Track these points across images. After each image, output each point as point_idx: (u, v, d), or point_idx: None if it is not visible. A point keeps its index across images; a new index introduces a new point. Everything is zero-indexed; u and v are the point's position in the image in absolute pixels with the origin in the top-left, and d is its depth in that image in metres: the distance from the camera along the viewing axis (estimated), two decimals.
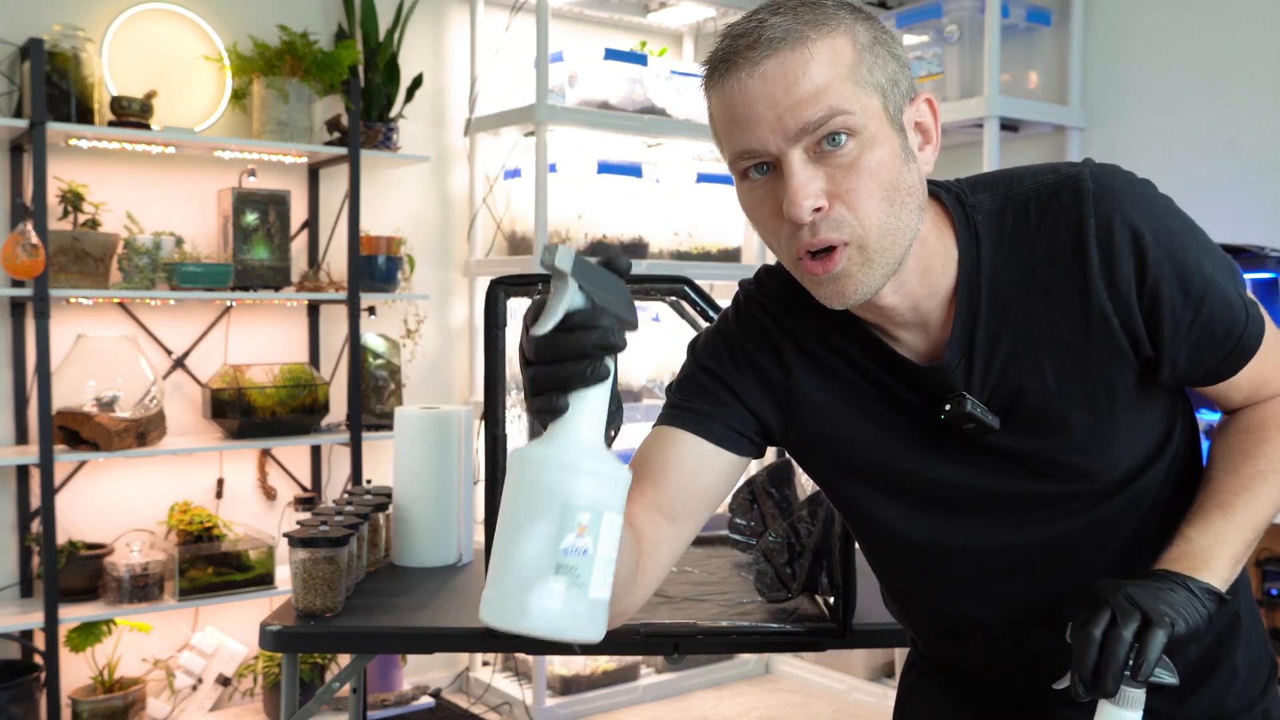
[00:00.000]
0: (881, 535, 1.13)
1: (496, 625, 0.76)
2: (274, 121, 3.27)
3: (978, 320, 1.01)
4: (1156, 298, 0.97)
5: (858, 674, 3.74)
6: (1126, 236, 0.96)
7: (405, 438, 2.12)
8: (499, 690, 3.67)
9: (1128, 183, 0.99)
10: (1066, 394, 1.00)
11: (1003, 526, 1.06)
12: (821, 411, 1.08)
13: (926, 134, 1.00)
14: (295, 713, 1.76)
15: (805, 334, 1.09)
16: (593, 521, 0.75)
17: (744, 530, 1.98)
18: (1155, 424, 1.04)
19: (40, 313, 2.88)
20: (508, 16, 3.87)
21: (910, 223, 0.96)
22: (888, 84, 0.95)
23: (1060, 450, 1.02)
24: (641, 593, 1.05)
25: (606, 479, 0.77)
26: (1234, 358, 1.01)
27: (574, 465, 0.76)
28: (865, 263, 0.95)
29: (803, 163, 0.93)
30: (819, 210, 0.93)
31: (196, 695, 3.31)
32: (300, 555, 1.72)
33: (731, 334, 1.12)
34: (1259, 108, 3.06)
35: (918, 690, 1.26)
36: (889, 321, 1.03)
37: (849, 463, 1.10)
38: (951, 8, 3.40)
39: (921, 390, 1.04)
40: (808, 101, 0.91)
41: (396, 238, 3.51)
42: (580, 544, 0.75)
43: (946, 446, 1.05)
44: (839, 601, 1.62)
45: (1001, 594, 1.09)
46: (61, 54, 2.96)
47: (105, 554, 3.06)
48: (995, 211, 1.01)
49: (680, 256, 3.91)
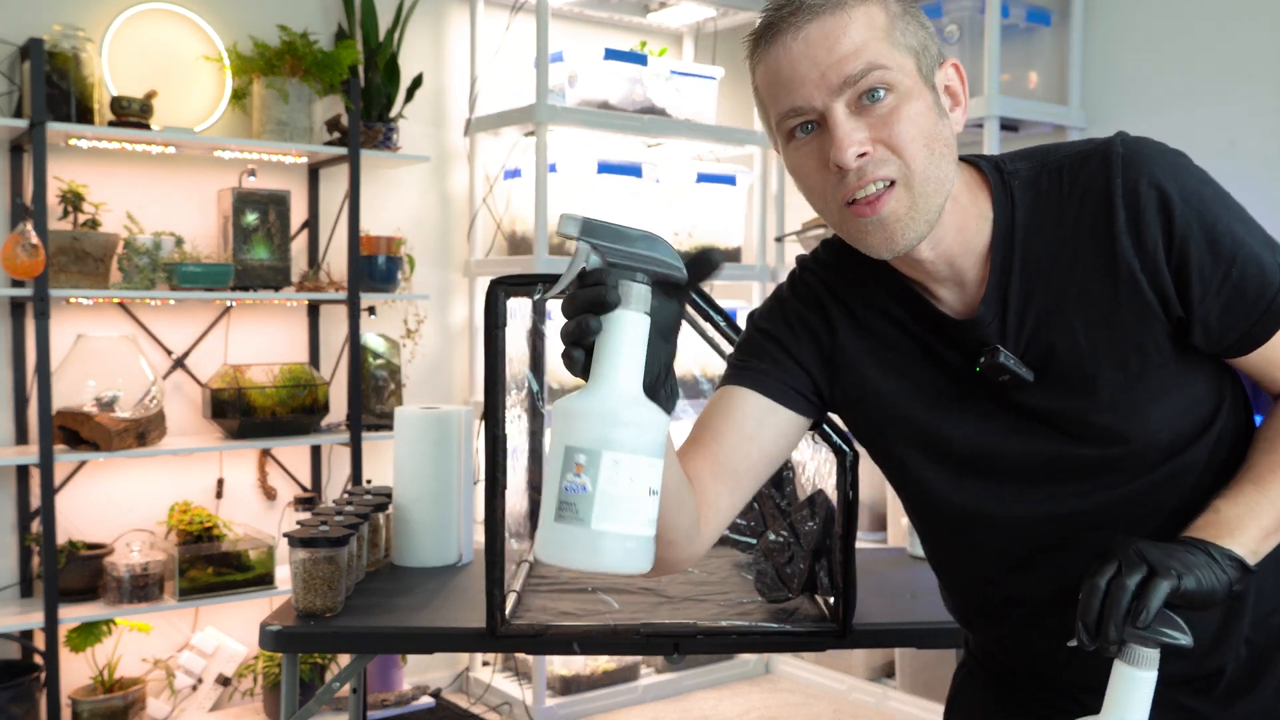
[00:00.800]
0: (923, 500, 1.16)
1: (540, 558, 0.86)
2: (274, 121, 3.27)
3: (1011, 278, 1.05)
4: (1185, 256, 0.99)
5: (858, 674, 3.74)
6: (1153, 196, 0.99)
7: (405, 438, 2.12)
8: (499, 690, 3.67)
9: (1158, 149, 1.03)
10: (1096, 352, 1.02)
11: (1041, 495, 1.08)
12: (862, 371, 1.14)
13: (955, 97, 1.06)
14: (295, 713, 1.76)
15: (854, 298, 1.15)
16: (589, 461, 0.81)
17: (744, 530, 1.98)
18: (1197, 398, 1.05)
19: (40, 313, 2.88)
20: (508, 16, 3.87)
21: (948, 173, 1.02)
22: (919, 47, 1.02)
23: (1090, 409, 1.04)
24: (703, 543, 1.11)
25: (610, 421, 0.82)
26: (1267, 320, 1.01)
27: (577, 411, 0.83)
28: (911, 205, 1.00)
29: (846, 114, 0.99)
30: (864, 156, 0.99)
31: (196, 695, 3.31)
32: (300, 555, 1.72)
33: (785, 297, 1.19)
34: (1259, 108, 3.06)
35: (965, 689, 1.28)
36: (928, 277, 1.08)
37: (888, 422, 1.14)
38: (951, 8, 3.40)
39: (959, 345, 1.08)
40: (848, 58, 0.98)
41: (396, 238, 3.51)
42: (579, 482, 0.82)
43: (979, 403, 1.08)
44: (839, 601, 1.62)
45: (1039, 569, 1.10)
46: (61, 54, 2.96)
47: (105, 554, 3.06)
48: (1031, 178, 1.06)
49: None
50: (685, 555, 1.09)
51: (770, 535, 1.77)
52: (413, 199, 3.78)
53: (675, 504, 1.02)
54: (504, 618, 1.63)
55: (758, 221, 4.10)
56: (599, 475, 0.82)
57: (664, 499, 1.00)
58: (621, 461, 0.82)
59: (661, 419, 0.85)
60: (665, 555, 1.05)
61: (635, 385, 0.85)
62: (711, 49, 4.31)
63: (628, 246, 0.86)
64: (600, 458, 0.82)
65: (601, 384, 0.84)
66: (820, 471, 1.72)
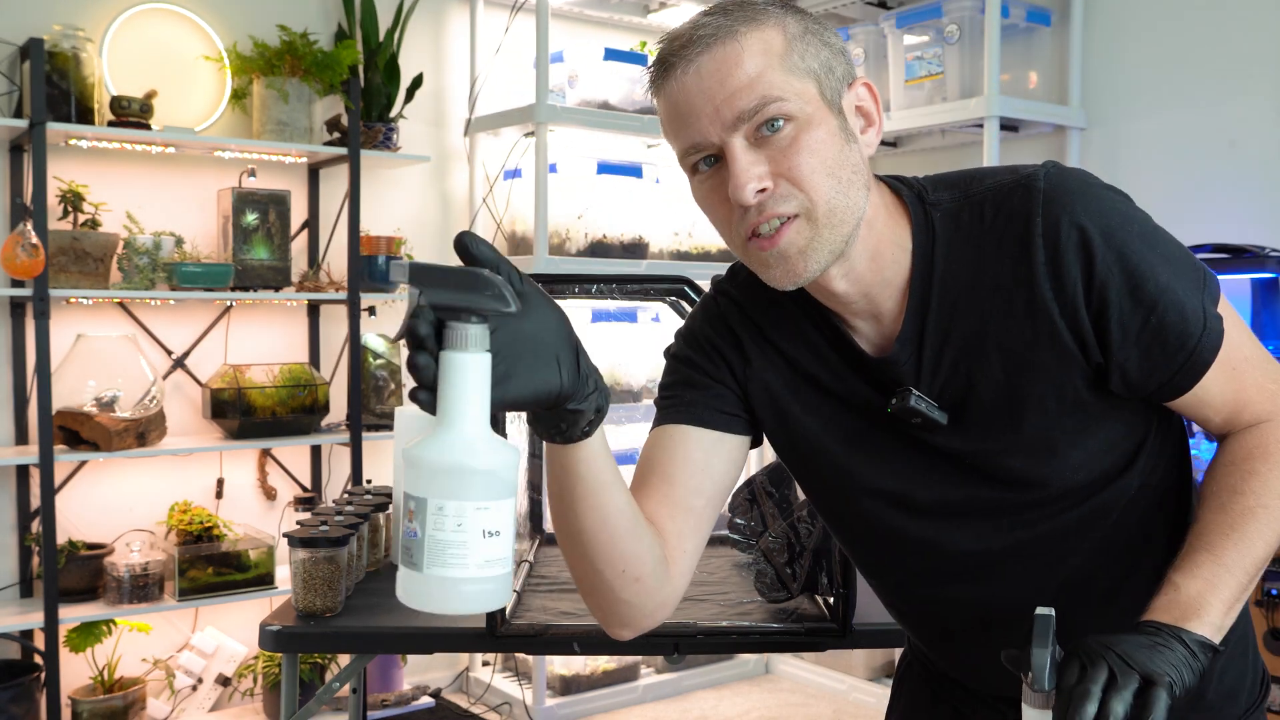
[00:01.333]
0: (838, 525, 1.16)
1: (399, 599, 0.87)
2: (274, 121, 3.27)
3: (928, 314, 1.01)
4: (1104, 301, 0.95)
5: (858, 674, 3.74)
6: (1074, 238, 0.95)
7: (405, 438, 2.12)
8: (499, 690, 3.67)
9: (1083, 185, 0.98)
10: (1014, 394, 0.99)
11: (957, 532, 1.06)
12: (778, 398, 1.11)
13: (868, 117, 1.02)
14: (295, 713, 1.76)
15: (771, 323, 1.11)
16: (418, 507, 0.83)
17: (744, 530, 1.98)
18: (1117, 436, 1.02)
19: (40, 313, 2.88)
20: (508, 16, 3.87)
21: (856, 200, 0.98)
22: (821, 70, 0.98)
23: (1006, 451, 1.01)
24: (678, 584, 1.07)
25: (437, 469, 0.83)
26: (1189, 368, 0.97)
27: (412, 459, 0.84)
28: (814, 236, 0.97)
29: (744, 149, 0.96)
30: (764, 191, 0.96)
31: (196, 695, 3.31)
32: (300, 555, 1.72)
33: (697, 326, 1.15)
34: (1259, 108, 3.06)
35: (906, 680, 1.28)
36: (845, 309, 1.05)
37: (798, 454, 1.12)
38: (951, 8, 3.40)
39: (874, 383, 1.05)
40: (742, 91, 0.94)
41: (396, 238, 3.51)
42: (411, 528, 0.84)
43: (893, 443, 1.06)
44: (839, 601, 1.62)
45: (957, 593, 1.09)
46: (61, 54, 2.96)
47: (105, 554, 3.06)
48: (953, 210, 1.02)
49: (680, 256, 3.91)
50: (658, 599, 1.05)
51: (770, 535, 1.77)
52: (413, 199, 3.78)
53: (630, 535, 1.00)
54: (504, 618, 1.63)
55: None
56: (426, 522, 0.83)
57: (616, 530, 0.98)
58: (446, 508, 0.83)
59: (505, 458, 0.84)
60: (636, 595, 1.03)
61: (475, 426, 0.83)
62: None
63: (452, 290, 0.82)
64: (426, 505, 0.83)
65: (441, 428, 0.83)
66: None
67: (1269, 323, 2.77)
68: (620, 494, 0.98)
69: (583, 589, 1.06)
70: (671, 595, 1.07)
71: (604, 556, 1.00)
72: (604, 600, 1.04)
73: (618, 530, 0.99)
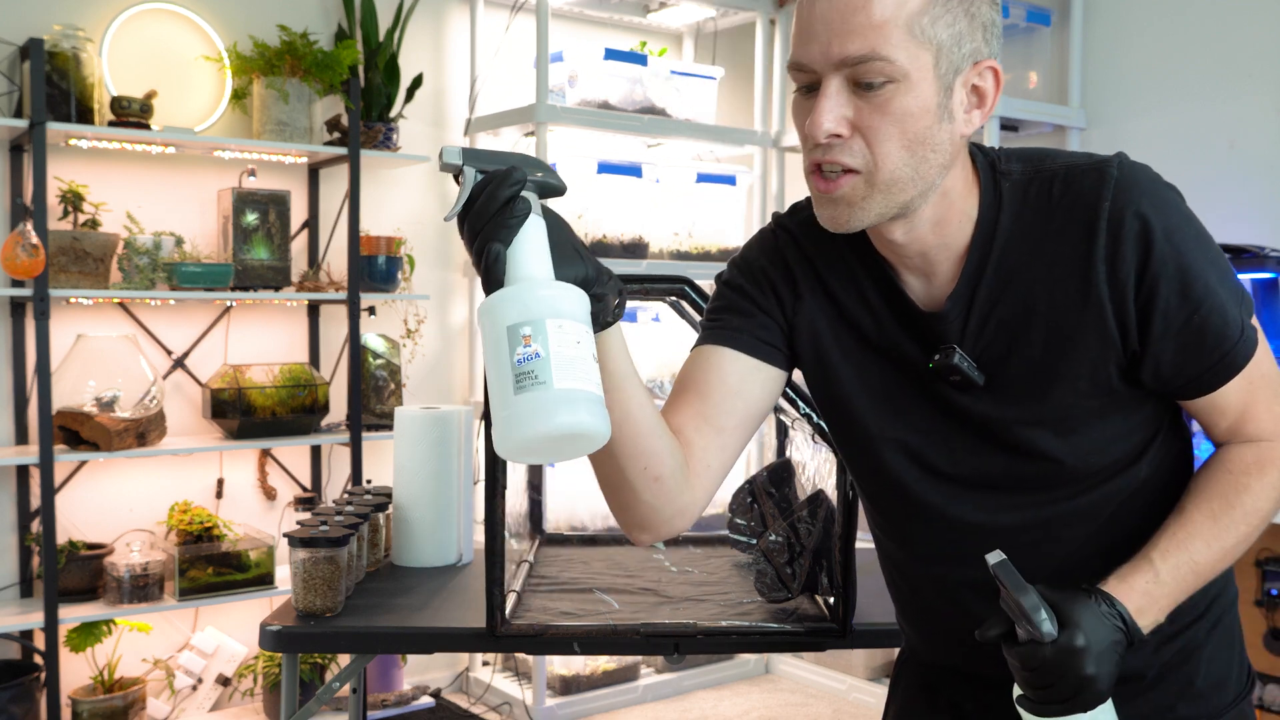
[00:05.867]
0: (858, 473, 1.18)
1: (502, 453, 0.88)
2: (274, 121, 3.27)
3: (982, 278, 1.04)
4: (1154, 292, 0.98)
5: (858, 674, 3.74)
6: (1137, 227, 0.98)
7: (405, 438, 2.12)
8: (499, 690, 3.67)
9: (1152, 181, 1.01)
10: (1049, 369, 1.02)
11: (965, 501, 1.09)
12: (820, 339, 1.13)
13: (983, 98, 1.01)
14: (295, 713, 1.76)
15: (825, 264, 1.13)
16: (536, 329, 0.86)
17: (744, 530, 1.98)
18: (1133, 426, 1.05)
19: (40, 313, 2.88)
20: (508, 16, 3.87)
21: (926, 176, 0.99)
22: (949, 41, 0.97)
23: (1025, 422, 1.04)
24: (698, 495, 1.10)
25: (537, 296, 0.87)
26: (1219, 370, 1.01)
27: (509, 296, 0.87)
28: (868, 195, 0.99)
29: (838, 89, 0.97)
30: (838, 136, 0.97)
31: (196, 695, 3.31)
32: (300, 555, 1.72)
33: (752, 255, 1.18)
34: (1259, 108, 3.06)
35: (903, 674, 1.29)
36: (898, 260, 1.07)
37: (829, 396, 1.14)
38: None
39: (918, 336, 1.07)
40: (857, 34, 0.94)
41: (396, 238, 3.51)
42: (530, 350, 0.85)
43: (923, 403, 1.08)
44: (839, 601, 1.62)
45: (955, 573, 1.11)
46: (61, 54, 2.96)
47: (105, 554, 3.06)
48: (1023, 182, 1.04)
49: (680, 256, 3.91)
50: (677, 505, 1.08)
51: (770, 535, 1.77)
52: (413, 199, 3.78)
53: (651, 434, 1.03)
54: (504, 618, 1.63)
55: (758, 222, 4.10)
56: (548, 339, 0.85)
57: (639, 426, 1.02)
58: (565, 325, 0.87)
59: (582, 295, 0.90)
60: (655, 496, 1.06)
61: (550, 273, 0.90)
62: (711, 49, 4.31)
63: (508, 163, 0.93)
64: (545, 324, 0.86)
65: (519, 277, 0.89)
66: (820, 471, 1.72)
67: (1269, 323, 2.77)
68: (641, 391, 1.03)
69: (605, 489, 1.09)
70: (691, 504, 1.09)
71: (626, 452, 1.03)
72: (625, 498, 1.07)
73: (640, 426, 1.02)
